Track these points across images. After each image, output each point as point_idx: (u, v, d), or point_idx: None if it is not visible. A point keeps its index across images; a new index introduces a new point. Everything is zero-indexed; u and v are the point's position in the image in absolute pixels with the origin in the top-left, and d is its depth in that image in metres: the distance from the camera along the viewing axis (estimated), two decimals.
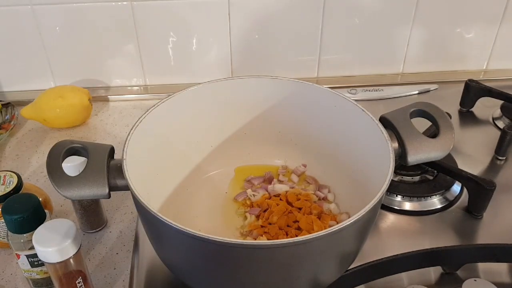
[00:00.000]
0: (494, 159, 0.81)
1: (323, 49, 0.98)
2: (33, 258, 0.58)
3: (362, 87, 0.97)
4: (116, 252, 0.67)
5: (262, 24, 0.94)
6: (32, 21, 0.90)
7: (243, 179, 0.73)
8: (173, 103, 0.65)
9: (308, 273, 0.53)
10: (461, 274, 0.64)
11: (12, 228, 0.56)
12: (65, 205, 0.73)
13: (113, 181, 0.54)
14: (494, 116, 0.90)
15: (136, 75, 0.99)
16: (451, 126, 0.60)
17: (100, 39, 0.93)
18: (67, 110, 0.87)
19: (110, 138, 0.88)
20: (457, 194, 0.74)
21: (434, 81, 0.99)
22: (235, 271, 0.51)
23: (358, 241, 0.56)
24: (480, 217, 0.70)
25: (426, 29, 0.97)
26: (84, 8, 0.89)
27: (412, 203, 0.72)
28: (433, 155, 0.59)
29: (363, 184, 0.63)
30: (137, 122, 0.60)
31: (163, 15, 0.91)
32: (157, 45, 0.95)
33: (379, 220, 0.70)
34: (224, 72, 0.99)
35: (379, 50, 0.99)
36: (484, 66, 1.04)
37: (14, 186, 0.63)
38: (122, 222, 0.72)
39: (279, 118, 0.72)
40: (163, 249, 0.57)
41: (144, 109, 0.62)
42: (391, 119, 0.61)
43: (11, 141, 0.87)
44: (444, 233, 0.68)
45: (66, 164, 0.59)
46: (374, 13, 0.94)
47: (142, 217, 0.56)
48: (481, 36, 0.99)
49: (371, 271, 0.62)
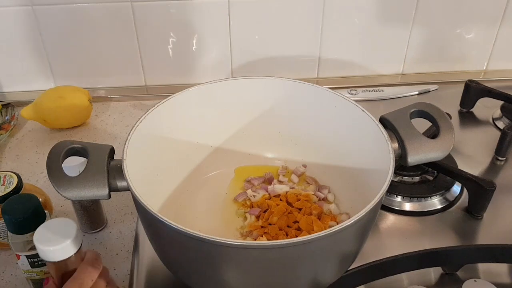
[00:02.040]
0: (494, 159, 0.81)
1: (323, 50, 0.98)
2: (33, 259, 0.58)
3: (362, 88, 0.97)
4: (116, 252, 0.67)
5: (262, 24, 0.94)
6: (33, 22, 0.90)
7: (243, 179, 0.73)
8: (173, 103, 0.65)
9: (308, 273, 0.53)
10: (461, 274, 0.64)
11: (12, 228, 0.56)
12: (65, 206, 0.73)
13: (113, 181, 0.54)
14: (494, 116, 0.90)
15: (136, 76, 0.98)
16: (451, 127, 0.60)
17: (100, 39, 0.93)
18: (67, 111, 0.87)
19: (110, 138, 0.88)
20: (457, 194, 0.74)
21: (434, 82, 0.99)
22: (235, 271, 0.51)
23: (358, 242, 0.56)
24: (480, 217, 0.70)
25: (426, 29, 0.97)
26: (84, 8, 0.89)
27: (412, 203, 0.72)
28: (433, 155, 0.59)
29: (363, 185, 0.63)
30: (137, 123, 0.60)
31: (163, 15, 0.91)
32: (157, 45, 0.95)
33: (379, 221, 0.70)
34: (224, 72, 0.99)
35: (379, 51, 0.99)
36: (484, 66, 1.04)
37: (14, 186, 0.63)
38: (122, 222, 0.72)
39: (279, 118, 0.72)
40: (163, 250, 0.56)
41: (144, 109, 0.62)
42: (391, 120, 0.61)
43: (11, 141, 0.87)
44: (444, 234, 0.68)
45: (66, 164, 0.58)
46: (374, 13, 0.94)
47: (142, 217, 0.55)
48: (481, 37, 0.99)
49: (371, 272, 0.62)
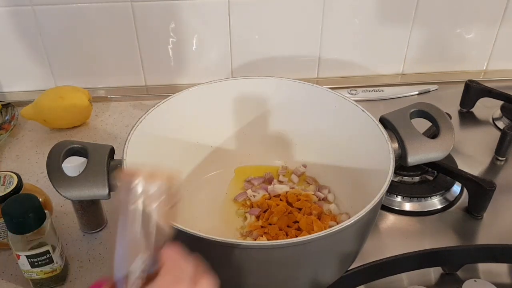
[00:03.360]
0: (494, 159, 0.81)
1: (323, 49, 0.98)
2: (33, 259, 0.58)
3: (362, 88, 0.97)
4: None
5: (262, 24, 0.94)
6: (33, 22, 0.90)
7: (243, 179, 0.73)
8: (173, 103, 0.65)
9: (308, 273, 0.53)
10: (461, 274, 0.64)
11: (12, 228, 0.56)
12: (65, 206, 0.73)
13: (113, 181, 0.54)
14: (494, 116, 0.90)
15: (136, 76, 0.98)
16: (451, 127, 0.60)
17: (100, 39, 0.93)
18: (67, 111, 0.87)
19: (110, 138, 0.88)
20: (457, 194, 0.74)
21: (434, 82, 0.99)
22: (235, 271, 0.51)
23: (358, 242, 0.56)
24: (480, 217, 0.70)
25: (426, 29, 0.97)
26: (84, 8, 0.89)
27: (412, 203, 0.72)
28: (433, 155, 0.59)
29: (363, 185, 0.63)
30: (137, 123, 0.60)
31: (163, 15, 0.91)
32: (157, 45, 0.95)
33: (379, 221, 0.70)
34: (224, 72, 0.99)
35: (379, 51, 0.99)
36: (484, 66, 1.04)
37: (14, 186, 0.63)
38: None
39: (279, 118, 0.72)
40: None
41: (144, 109, 0.62)
42: (391, 120, 0.61)
43: (11, 141, 0.87)
44: (444, 234, 0.68)
45: (66, 164, 0.58)
46: (374, 13, 0.94)
47: None
48: (481, 37, 0.99)
49: (371, 272, 0.62)
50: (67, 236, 0.69)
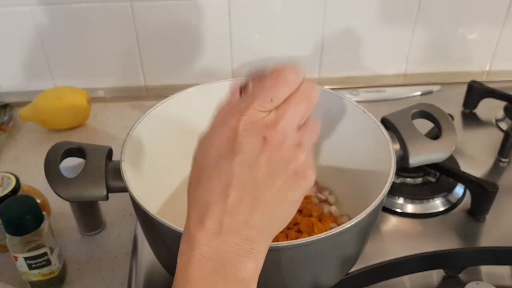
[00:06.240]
0: (497, 161, 0.80)
1: (324, 50, 0.97)
2: (31, 261, 0.58)
3: (363, 88, 0.97)
4: (114, 255, 0.67)
5: (262, 24, 0.93)
6: (32, 22, 0.89)
7: None
8: (172, 104, 0.64)
9: (309, 276, 0.52)
10: (463, 277, 0.64)
11: (10, 230, 0.56)
12: (63, 207, 0.73)
13: (111, 182, 0.54)
14: (497, 117, 0.89)
15: (136, 76, 0.98)
16: (453, 128, 0.60)
17: (99, 39, 0.93)
18: (65, 111, 0.86)
19: (109, 139, 0.87)
20: (460, 196, 0.73)
21: (437, 82, 0.99)
22: None
23: (359, 244, 0.55)
24: (482, 219, 0.70)
25: (429, 29, 0.97)
26: (83, 8, 0.89)
27: (414, 205, 0.71)
28: (435, 156, 0.59)
29: (364, 186, 0.62)
30: (136, 123, 0.59)
31: (163, 15, 0.91)
32: (157, 45, 0.94)
33: (380, 223, 0.69)
34: (224, 72, 0.98)
35: (381, 51, 0.99)
36: (487, 67, 1.03)
37: (12, 188, 0.63)
38: (120, 224, 0.71)
39: None
40: (162, 252, 0.56)
41: (143, 110, 0.61)
42: (393, 121, 0.61)
43: (9, 142, 0.87)
44: (446, 236, 0.68)
45: (64, 165, 0.58)
46: (376, 13, 0.94)
47: (140, 219, 0.55)
48: (484, 37, 0.98)
49: (372, 274, 0.62)
50: (65, 238, 0.69)
